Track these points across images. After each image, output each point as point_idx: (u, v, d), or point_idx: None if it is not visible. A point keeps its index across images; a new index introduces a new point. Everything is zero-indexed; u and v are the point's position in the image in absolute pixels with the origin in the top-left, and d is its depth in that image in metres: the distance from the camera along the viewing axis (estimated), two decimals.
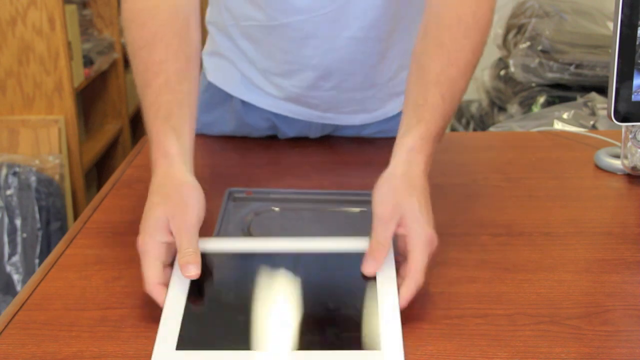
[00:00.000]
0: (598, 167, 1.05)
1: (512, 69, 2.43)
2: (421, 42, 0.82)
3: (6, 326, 0.68)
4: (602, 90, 2.22)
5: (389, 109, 1.14)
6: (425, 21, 0.83)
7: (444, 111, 0.77)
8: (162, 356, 0.60)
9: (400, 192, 0.72)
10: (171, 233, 0.69)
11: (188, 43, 0.82)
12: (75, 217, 2.22)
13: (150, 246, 0.68)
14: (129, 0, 0.84)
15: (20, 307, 0.71)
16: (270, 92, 1.09)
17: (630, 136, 0.99)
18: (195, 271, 0.66)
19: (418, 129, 0.76)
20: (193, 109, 0.79)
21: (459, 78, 0.80)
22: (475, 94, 2.84)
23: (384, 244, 0.69)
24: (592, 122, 1.95)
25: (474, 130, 2.74)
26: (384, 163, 1.06)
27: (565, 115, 2.02)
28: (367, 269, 0.68)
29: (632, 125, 0.98)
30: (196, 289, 0.67)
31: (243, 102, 1.13)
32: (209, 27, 1.13)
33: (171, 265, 0.70)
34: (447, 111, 0.78)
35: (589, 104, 2.06)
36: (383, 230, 0.70)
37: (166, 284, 0.68)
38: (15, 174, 2.03)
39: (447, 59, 0.79)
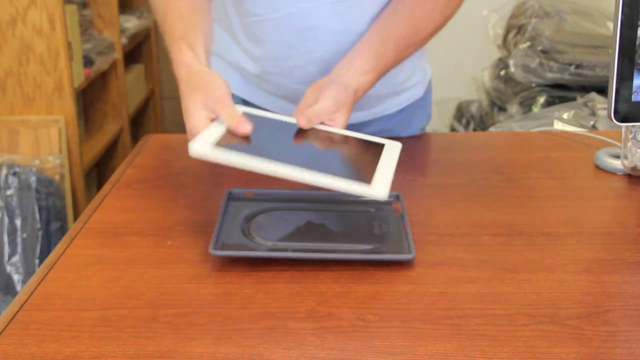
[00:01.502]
0: (598, 167, 1.05)
1: (512, 69, 2.42)
2: (392, 8, 0.96)
3: (6, 326, 0.68)
4: (602, 90, 2.22)
5: (387, 106, 1.14)
6: None
7: (390, 66, 0.95)
8: (200, 147, 0.74)
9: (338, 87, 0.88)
10: (210, 110, 0.80)
11: None
12: (75, 217, 2.23)
13: (198, 121, 0.79)
14: None
15: (20, 307, 0.71)
16: (271, 91, 1.10)
17: (630, 136, 0.99)
18: (248, 125, 0.79)
19: (370, 75, 0.91)
20: (207, 35, 0.92)
21: (414, 45, 0.96)
22: (475, 94, 2.84)
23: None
24: (592, 122, 1.95)
25: (474, 130, 2.74)
26: None
27: (565, 115, 2.02)
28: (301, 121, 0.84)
29: (632, 125, 0.98)
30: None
31: (244, 101, 1.13)
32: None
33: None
34: (389, 67, 0.95)
35: (589, 104, 2.06)
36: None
37: None
38: (15, 174, 2.03)
39: (413, 29, 0.94)
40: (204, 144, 0.76)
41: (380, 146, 0.86)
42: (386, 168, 0.79)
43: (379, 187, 0.74)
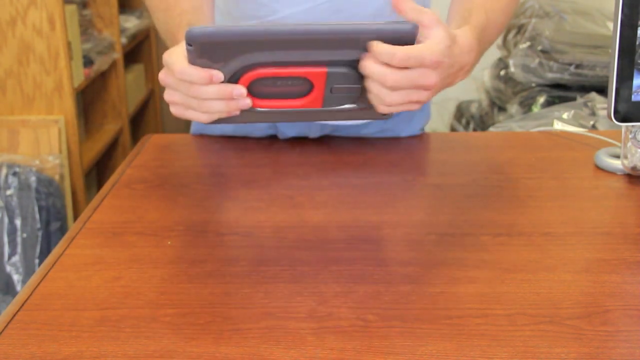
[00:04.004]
0: (598, 167, 1.05)
1: (512, 69, 2.42)
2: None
3: (6, 326, 0.68)
4: (602, 90, 2.22)
5: None
6: None
7: (486, 29, 0.85)
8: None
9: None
10: None
11: None
12: (75, 217, 2.23)
13: (177, 52, 0.77)
14: None
15: (20, 307, 0.71)
16: None
17: (630, 136, 0.99)
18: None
19: (469, 27, 0.82)
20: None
21: (499, 13, 0.88)
22: (475, 94, 2.84)
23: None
24: (592, 122, 1.95)
25: (474, 130, 2.74)
26: (384, 163, 1.06)
27: (565, 115, 2.01)
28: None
29: (632, 125, 0.98)
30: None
31: None
32: None
33: None
34: (487, 32, 0.85)
35: (589, 104, 2.06)
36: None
37: None
38: (15, 174, 2.03)
39: (486, 14, 0.86)
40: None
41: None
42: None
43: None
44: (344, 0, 0.97)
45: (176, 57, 0.77)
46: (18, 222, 2.00)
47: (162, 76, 0.79)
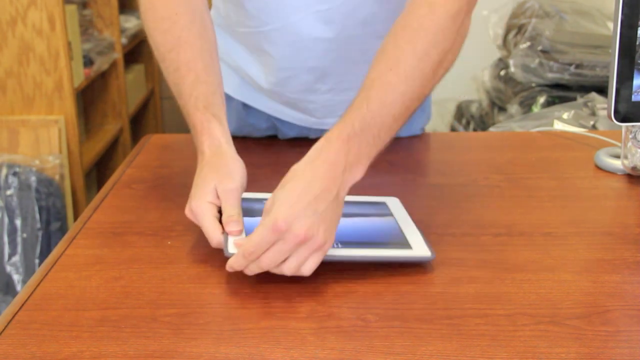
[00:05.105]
0: (598, 167, 1.05)
1: (512, 69, 2.42)
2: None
3: (6, 326, 0.68)
4: (602, 90, 2.22)
5: None
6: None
7: (365, 114, 0.78)
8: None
9: (280, 186, 0.77)
10: (218, 197, 0.80)
11: (208, 40, 0.91)
12: (75, 217, 2.23)
13: (205, 207, 0.79)
14: (150, 9, 0.92)
15: (20, 307, 0.71)
16: (270, 96, 1.10)
17: (630, 136, 0.99)
18: (237, 227, 0.77)
19: (330, 131, 0.80)
20: (223, 96, 0.90)
21: (398, 83, 0.80)
22: (475, 94, 2.84)
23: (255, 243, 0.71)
24: (592, 122, 1.95)
25: (474, 130, 2.74)
26: (384, 163, 1.06)
27: (565, 115, 2.01)
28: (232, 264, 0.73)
29: (632, 125, 0.98)
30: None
31: (244, 103, 1.13)
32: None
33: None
34: (371, 114, 0.78)
35: (589, 104, 2.06)
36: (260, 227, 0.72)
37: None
38: (15, 174, 2.03)
39: (386, 65, 0.81)
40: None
41: (383, 204, 0.89)
42: (409, 227, 0.83)
43: (421, 248, 0.79)
44: (334, 12, 0.96)
45: (207, 221, 0.78)
46: (18, 222, 2.00)
47: (189, 216, 0.81)
